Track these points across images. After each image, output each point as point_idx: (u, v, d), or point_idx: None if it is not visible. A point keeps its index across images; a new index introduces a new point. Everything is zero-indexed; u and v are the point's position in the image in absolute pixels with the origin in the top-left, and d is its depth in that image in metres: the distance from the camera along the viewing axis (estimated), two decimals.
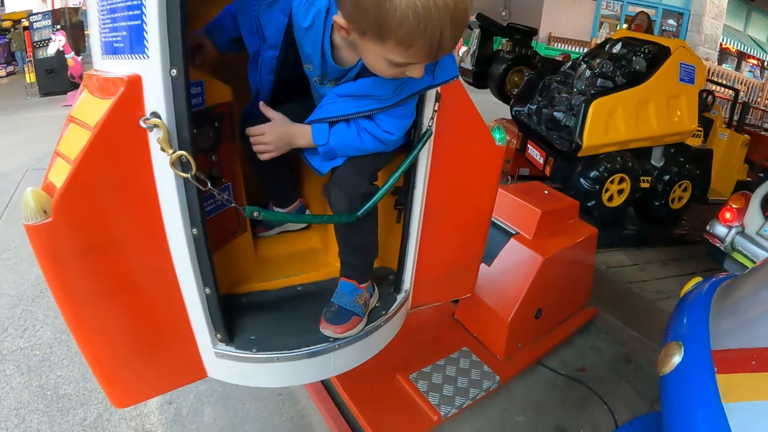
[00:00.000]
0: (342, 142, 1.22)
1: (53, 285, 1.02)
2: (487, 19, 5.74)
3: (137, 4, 0.88)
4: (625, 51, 3.83)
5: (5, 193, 4.97)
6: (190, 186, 1.01)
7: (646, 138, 3.60)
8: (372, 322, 1.37)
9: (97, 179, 0.95)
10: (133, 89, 0.92)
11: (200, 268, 1.11)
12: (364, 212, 1.23)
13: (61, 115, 8.54)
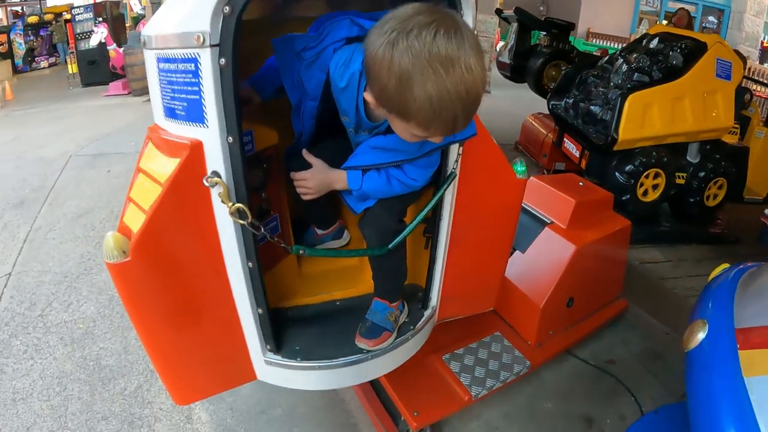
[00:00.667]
0: (373, 188, 1.37)
1: (130, 309, 1.22)
2: (525, 13, 5.74)
3: (196, 81, 1.04)
4: (662, 46, 3.81)
5: (50, 178, 5.18)
6: (246, 229, 1.18)
7: (681, 133, 3.60)
8: (401, 336, 1.53)
9: (168, 225, 1.13)
10: (196, 153, 1.09)
11: (254, 293, 1.29)
12: (393, 246, 1.38)
13: (102, 105, 8.94)
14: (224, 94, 1.04)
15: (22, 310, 3.25)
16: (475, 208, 1.55)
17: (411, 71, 0.98)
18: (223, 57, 1.02)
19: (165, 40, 1.08)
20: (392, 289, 1.54)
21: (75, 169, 5.35)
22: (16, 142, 6.99)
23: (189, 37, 1.00)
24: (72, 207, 4.36)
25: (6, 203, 4.70)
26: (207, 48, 1.00)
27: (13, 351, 2.88)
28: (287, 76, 1.36)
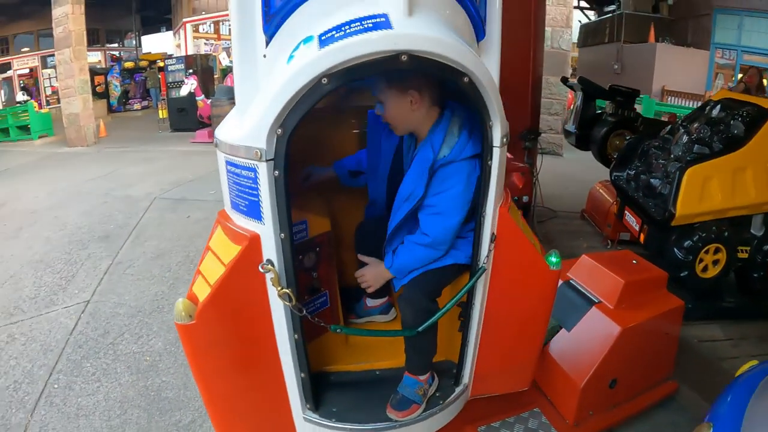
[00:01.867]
0: (401, 261, 1.59)
1: (192, 364, 1.45)
2: (589, 82, 5.79)
3: (255, 186, 1.27)
4: (723, 114, 3.74)
5: (135, 216, 5.65)
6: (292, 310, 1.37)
7: (743, 206, 3.50)
8: (430, 409, 1.65)
9: (228, 299, 1.34)
10: (254, 244, 1.32)
11: (298, 360, 1.47)
12: (423, 328, 1.53)
13: (187, 151, 9.58)
14: (278, 199, 1.25)
15: (95, 336, 3.57)
16: (507, 298, 1.66)
17: None
18: (276, 169, 1.23)
19: (232, 148, 1.30)
20: (421, 365, 1.67)
21: (158, 211, 5.79)
22: (107, 179, 7.67)
23: (250, 150, 1.22)
24: (152, 247, 4.70)
25: (92, 234, 5.17)
26: (264, 162, 1.21)
27: (82, 371, 3.19)
28: (372, 138, 1.73)
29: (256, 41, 1.26)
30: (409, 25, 1.13)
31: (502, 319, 1.66)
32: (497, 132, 1.37)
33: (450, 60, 1.17)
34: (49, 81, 21.56)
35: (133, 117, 18.13)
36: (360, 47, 1.10)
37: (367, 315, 2.02)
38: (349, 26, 1.12)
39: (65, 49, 11.59)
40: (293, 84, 1.13)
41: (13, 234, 5.57)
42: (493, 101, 1.30)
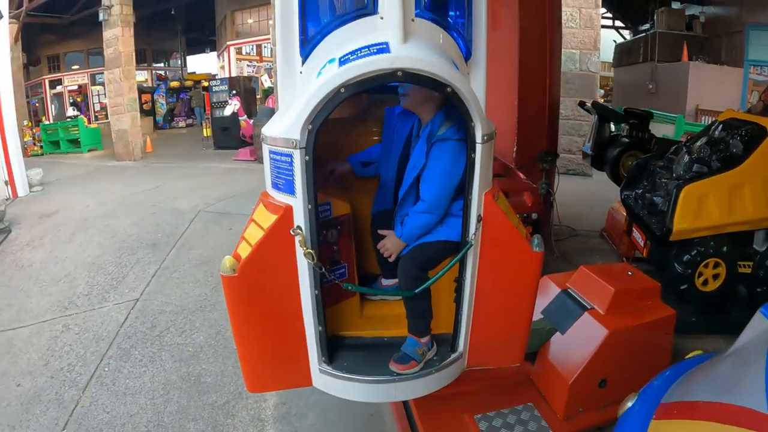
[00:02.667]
0: (408, 229, 1.95)
1: (231, 311, 1.83)
2: (603, 106, 6.04)
3: (290, 169, 1.67)
4: (725, 134, 3.88)
5: (180, 227, 6.04)
6: (314, 267, 1.74)
7: (742, 222, 3.61)
8: (427, 369, 1.96)
9: (265, 257, 1.74)
10: (287, 213, 1.71)
11: (317, 314, 1.83)
12: (419, 291, 1.88)
13: (230, 168, 10.09)
14: (307, 178, 1.66)
15: (143, 329, 3.98)
16: (494, 274, 1.96)
17: None
18: (307, 155, 1.64)
19: (274, 140, 1.72)
20: (420, 326, 2.00)
21: (202, 223, 6.19)
22: (154, 192, 8.13)
23: (288, 141, 1.64)
24: (196, 255, 5.06)
25: (141, 242, 5.58)
26: (297, 149, 1.63)
27: (131, 358, 3.60)
28: (387, 129, 2.16)
29: (295, 62, 1.73)
30: (403, 50, 1.55)
31: (490, 293, 1.96)
32: (479, 131, 1.72)
33: (434, 74, 1.56)
34: (98, 97, 22.89)
35: (178, 134, 18.96)
36: (367, 66, 1.51)
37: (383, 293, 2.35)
38: (360, 51, 1.54)
39: (115, 69, 12.40)
40: (320, 92, 1.55)
41: (66, 239, 6.03)
42: (473, 107, 1.66)
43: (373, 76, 1.52)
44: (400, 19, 1.55)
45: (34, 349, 3.82)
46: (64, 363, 3.59)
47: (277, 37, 1.75)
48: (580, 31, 9.02)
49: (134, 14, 12.69)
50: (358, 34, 1.61)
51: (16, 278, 5.05)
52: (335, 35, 1.65)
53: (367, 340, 2.14)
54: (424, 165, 1.90)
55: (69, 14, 18.33)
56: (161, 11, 19.81)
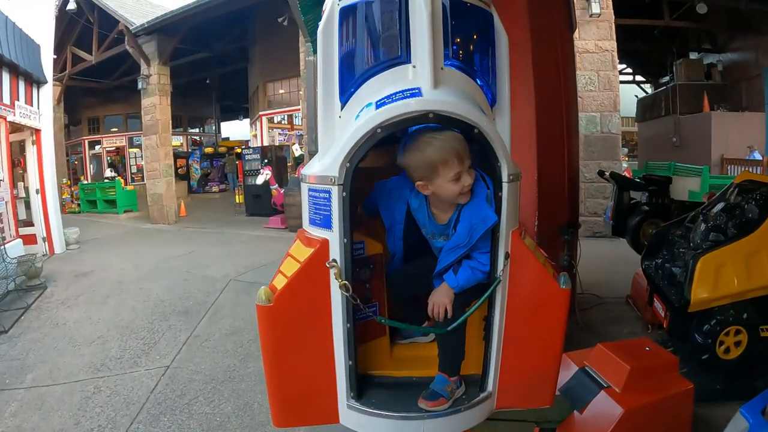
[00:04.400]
0: (464, 278, 1.96)
1: (263, 341, 1.89)
2: (620, 176, 6.09)
3: (328, 204, 1.79)
4: (740, 199, 3.90)
5: (212, 295, 6.14)
6: (348, 301, 1.82)
7: (761, 287, 3.55)
8: (455, 407, 1.96)
9: (300, 289, 1.82)
10: (324, 246, 1.80)
11: (348, 347, 1.87)
12: (452, 328, 1.92)
13: (262, 236, 10.32)
14: (343, 213, 1.77)
15: (173, 396, 4.05)
16: (523, 312, 1.99)
17: (419, 146, 1.80)
18: (344, 191, 1.76)
19: (314, 178, 1.84)
20: (451, 364, 2.02)
21: (233, 292, 6.31)
22: (187, 258, 8.37)
23: (326, 178, 1.77)
24: (226, 324, 5.14)
25: (174, 308, 5.70)
26: (336, 186, 1.75)
27: (159, 424, 3.66)
28: (384, 207, 2.14)
29: (335, 108, 1.89)
30: (434, 95, 1.70)
31: (519, 331, 1.99)
32: (505, 171, 1.83)
33: (462, 117, 1.70)
34: (135, 159, 23.93)
35: (211, 199, 19.62)
36: (402, 108, 1.67)
37: (411, 337, 2.40)
38: (395, 95, 1.70)
39: (152, 136, 13.06)
40: (359, 132, 1.70)
41: (101, 300, 6.21)
42: (499, 147, 1.79)
43: (406, 117, 1.67)
44: (431, 67, 1.72)
45: (66, 408, 3.89)
46: (94, 424, 3.66)
47: (319, 81, 1.91)
48: (599, 93, 9.26)
49: (171, 83, 13.39)
50: (392, 81, 1.77)
51: (50, 336, 5.18)
52: (372, 82, 1.81)
53: (395, 379, 2.15)
54: (468, 241, 1.93)
55: (110, 80, 19.49)
56: (197, 80, 20.85)
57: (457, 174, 1.82)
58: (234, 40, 17.19)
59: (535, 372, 2.13)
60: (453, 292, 1.98)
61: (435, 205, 2.00)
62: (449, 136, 1.79)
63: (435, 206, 2.01)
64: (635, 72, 23.64)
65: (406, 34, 1.79)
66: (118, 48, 14.39)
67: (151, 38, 13.10)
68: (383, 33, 1.89)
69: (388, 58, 1.83)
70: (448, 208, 1.98)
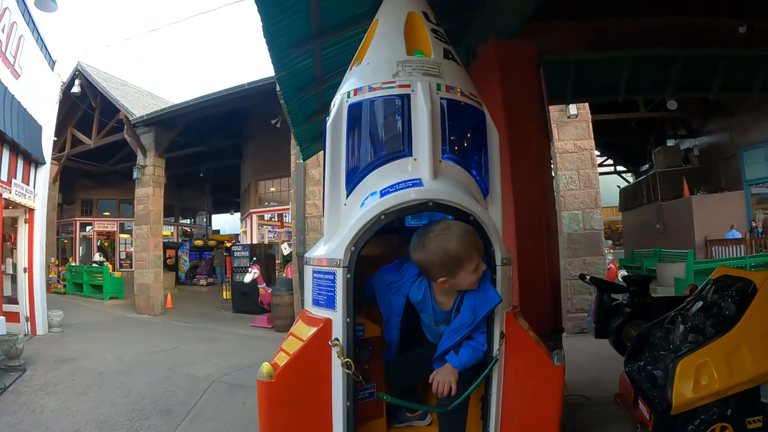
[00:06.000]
0: (466, 358, 2.04)
1: (263, 416, 1.91)
2: (600, 280, 6.12)
3: (332, 285, 1.89)
4: (717, 296, 3.93)
5: (194, 396, 5.78)
6: (349, 379, 1.87)
7: (744, 382, 3.49)
8: None
9: (302, 366, 1.87)
10: (326, 325, 1.89)
11: (347, 426, 1.89)
12: (452, 407, 1.96)
13: (248, 335, 10.09)
14: (347, 294, 1.88)
15: None
16: (519, 389, 2.05)
17: (441, 244, 1.88)
18: (348, 273, 1.88)
19: (319, 261, 1.97)
20: None
21: (216, 394, 5.99)
22: (172, 353, 8.06)
23: (332, 261, 1.89)
24: (208, 428, 4.81)
25: (155, 407, 5.42)
26: (341, 268, 1.87)
27: None
28: (381, 299, 2.24)
29: (341, 196, 2.04)
30: (433, 185, 1.89)
31: (516, 409, 2.04)
32: (498, 255, 1.98)
33: (459, 205, 1.88)
34: (125, 245, 23.76)
35: (198, 291, 19.13)
36: (404, 197, 1.85)
37: (407, 421, 2.40)
38: (398, 185, 1.88)
39: (143, 226, 12.97)
40: (364, 218, 1.85)
41: (81, 390, 5.90)
42: (493, 233, 1.95)
43: (408, 205, 1.84)
44: (430, 160, 1.92)
45: None
46: None
47: (326, 171, 2.09)
48: (580, 191, 9.52)
49: (165, 174, 13.59)
50: (395, 172, 1.95)
51: (26, 422, 4.92)
52: (376, 173, 1.99)
53: None
54: (471, 321, 2.02)
55: (106, 164, 19.54)
56: (191, 172, 21.12)
57: (477, 264, 1.94)
58: (229, 137, 17.61)
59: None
60: (457, 371, 2.03)
61: (440, 294, 2.10)
62: (464, 229, 1.92)
63: (440, 295, 2.10)
64: (616, 162, 24.38)
65: (408, 130, 2.00)
66: (117, 135, 14.57)
67: (149, 129, 13.37)
68: (387, 128, 2.11)
69: (392, 151, 2.03)
70: (452, 295, 2.08)
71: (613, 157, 23.82)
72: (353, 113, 2.09)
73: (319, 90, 4.58)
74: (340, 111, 2.11)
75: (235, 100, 11.74)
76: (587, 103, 9.71)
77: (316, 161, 9.67)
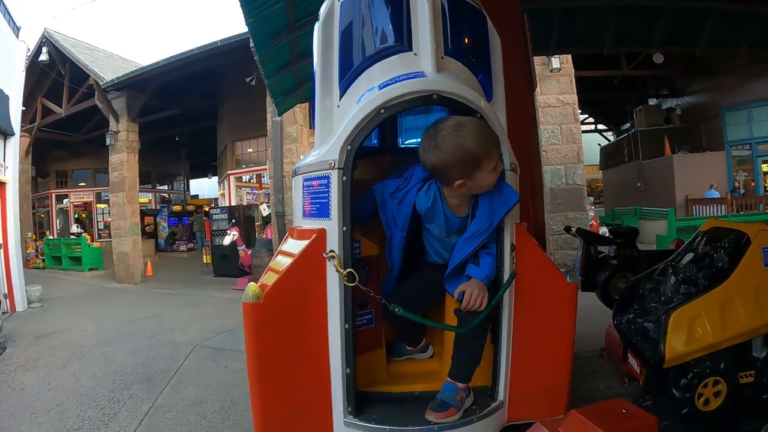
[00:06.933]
0: (491, 268, 1.83)
1: (250, 343, 1.69)
2: (585, 231, 6.01)
3: (326, 191, 1.67)
4: (709, 248, 3.84)
5: (176, 362, 5.65)
6: (347, 295, 1.67)
7: (737, 335, 3.43)
8: (467, 417, 1.79)
9: (293, 284, 1.66)
10: (321, 236, 1.68)
11: (346, 352, 1.70)
12: (474, 325, 1.76)
13: (229, 298, 9.91)
14: (343, 198, 1.66)
15: None
16: (532, 306, 1.88)
17: (456, 141, 1.65)
18: (344, 176, 1.66)
19: (310, 166, 1.74)
20: (464, 370, 1.86)
21: (198, 359, 5.86)
22: (152, 320, 7.94)
23: (325, 163, 1.67)
24: (190, 394, 4.74)
25: (136, 375, 5.30)
26: (335, 170, 1.66)
27: None
28: (383, 212, 1.99)
29: (333, 97, 1.83)
30: (438, 77, 1.68)
31: (528, 331, 1.88)
32: (506, 158, 1.79)
33: (466, 100, 1.68)
34: (102, 215, 23.25)
35: (179, 258, 18.97)
36: (406, 88, 1.63)
37: (407, 355, 2.24)
38: (399, 77, 1.66)
39: (119, 193, 12.66)
40: (361, 113, 1.63)
41: (61, 364, 5.76)
42: (501, 134, 1.75)
43: (411, 98, 1.63)
44: (433, 54, 1.71)
45: None
46: None
47: (316, 75, 1.87)
48: (562, 146, 9.46)
49: (140, 139, 13.19)
50: (394, 66, 1.74)
51: (6, 401, 4.76)
52: (373, 70, 1.77)
53: (395, 394, 1.97)
54: (489, 225, 1.81)
55: (79, 133, 18.99)
56: (167, 137, 20.57)
57: (496, 163, 1.73)
58: (203, 98, 17.07)
59: (547, 376, 2.01)
60: (484, 284, 1.81)
61: (453, 198, 1.87)
62: (479, 124, 1.69)
63: (453, 199, 1.87)
64: (597, 121, 24.42)
65: (407, 24, 1.78)
66: (88, 102, 14.05)
67: (120, 94, 12.90)
68: (384, 23, 1.87)
69: (389, 45, 1.80)
70: (466, 199, 1.87)
71: (594, 115, 23.89)
72: (346, 11, 1.89)
73: (292, 38, 4.35)
74: (331, 11, 1.91)
75: (208, 59, 11.30)
76: (570, 57, 9.59)
77: (292, 118, 9.48)
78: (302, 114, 9.81)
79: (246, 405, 4.32)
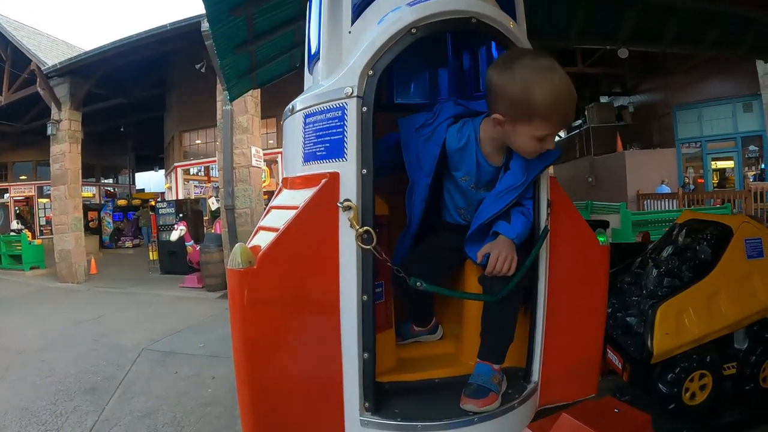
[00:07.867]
0: (523, 227, 1.54)
1: (238, 321, 1.29)
2: None
3: (341, 124, 1.32)
4: (689, 240, 3.81)
5: (123, 369, 5.31)
6: (367, 259, 1.31)
7: (722, 328, 3.42)
8: (507, 403, 1.49)
9: (296, 243, 1.28)
10: (333, 181, 1.30)
11: (363, 333, 1.33)
12: (505, 292, 1.47)
13: (178, 296, 9.50)
14: (363, 133, 1.31)
15: None
16: (567, 272, 1.62)
17: (530, 79, 1.32)
18: (365, 106, 1.31)
19: (317, 97, 1.38)
20: (498, 349, 1.56)
21: (146, 364, 5.53)
22: (97, 323, 7.52)
23: (340, 91, 1.32)
24: (138, 404, 4.42)
25: (80, 385, 4.89)
26: (354, 98, 1.30)
27: None
28: (407, 152, 1.66)
29: (342, 21, 1.45)
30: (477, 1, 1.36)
31: (562, 300, 1.62)
32: None
33: (506, 29, 1.39)
34: (44, 210, 22.26)
35: (124, 254, 18.16)
36: (443, 5, 1.31)
37: (414, 337, 1.93)
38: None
39: (61, 186, 11.96)
40: (387, 32, 1.30)
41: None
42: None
43: (447, 18, 1.32)
44: None
45: None
46: None
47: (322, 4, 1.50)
48: None
49: (84, 130, 12.45)
50: None
51: None
52: None
53: (413, 384, 1.62)
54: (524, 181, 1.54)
55: (20, 123, 17.89)
56: (112, 127, 19.72)
57: (545, 135, 1.41)
58: (151, 87, 16.33)
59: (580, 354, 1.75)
60: (513, 244, 1.52)
61: (488, 143, 1.56)
62: (566, 81, 1.38)
63: (488, 145, 1.57)
64: None
65: None
66: (30, 89, 13.07)
67: (63, 80, 12.00)
68: None
69: None
70: (502, 148, 1.56)
71: None
72: None
73: (250, 14, 4.00)
74: None
75: (156, 44, 10.69)
76: None
77: (243, 107, 9.03)
78: (254, 103, 9.37)
79: (200, 415, 4.04)
